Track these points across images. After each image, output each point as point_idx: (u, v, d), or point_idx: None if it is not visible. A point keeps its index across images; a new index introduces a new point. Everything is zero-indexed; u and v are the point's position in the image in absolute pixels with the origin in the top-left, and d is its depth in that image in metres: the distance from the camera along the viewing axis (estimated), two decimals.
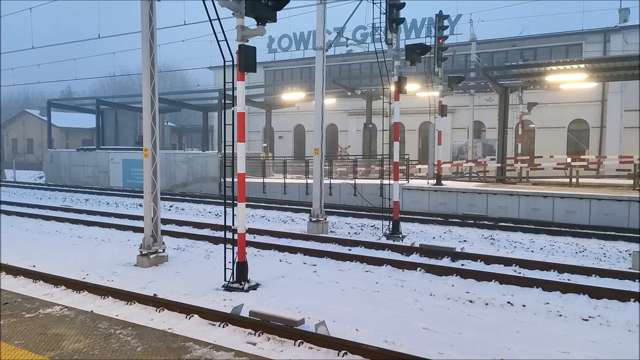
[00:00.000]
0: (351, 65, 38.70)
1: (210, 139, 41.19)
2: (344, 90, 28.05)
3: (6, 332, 5.20)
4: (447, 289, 8.58)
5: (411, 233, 14.04)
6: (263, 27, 8.11)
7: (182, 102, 35.14)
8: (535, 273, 9.61)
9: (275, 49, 38.94)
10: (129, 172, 28.42)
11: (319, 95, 13.96)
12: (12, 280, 9.07)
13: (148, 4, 10.01)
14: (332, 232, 14.35)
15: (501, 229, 14.64)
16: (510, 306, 7.76)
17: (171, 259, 10.82)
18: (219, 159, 24.72)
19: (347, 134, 37.62)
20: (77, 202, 22.38)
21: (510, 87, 20.73)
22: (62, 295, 8.13)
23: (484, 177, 22.02)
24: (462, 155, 29.11)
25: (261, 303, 7.66)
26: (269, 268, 10.01)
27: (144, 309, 7.37)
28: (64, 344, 4.91)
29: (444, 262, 10.41)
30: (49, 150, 34.15)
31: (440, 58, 16.98)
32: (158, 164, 10.67)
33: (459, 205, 17.41)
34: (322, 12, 13.50)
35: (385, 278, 9.31)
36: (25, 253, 11.30)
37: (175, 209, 19.57)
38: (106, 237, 13.54)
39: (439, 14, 17.08)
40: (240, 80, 8.33)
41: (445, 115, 18.73)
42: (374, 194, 19.52)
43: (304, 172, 24.59)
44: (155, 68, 10.43)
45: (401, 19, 12.51)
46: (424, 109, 22.04)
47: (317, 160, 14.21)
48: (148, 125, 10.40)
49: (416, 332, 6.66)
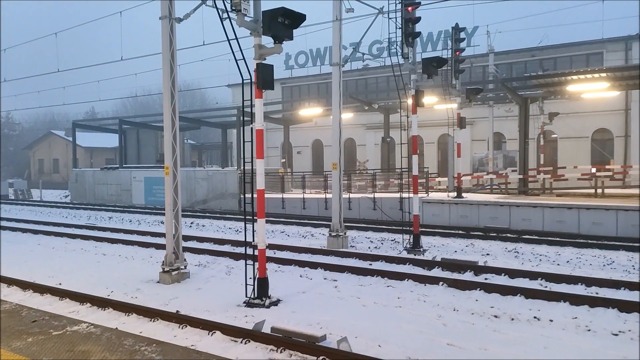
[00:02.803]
0: (367, 79, 38.84)
1: (229, 155, 41.62)
2: (361, 104, 28.13)
3: (35, 349, 5.31)
4: (471, 304, 8.44)
5: (432, 247, 13.89)
6: (280, 45, 8.23)
7: (202, 120, 35.64)
8: (562, 287, 9.38)
9: (292, 65, 39.37)
10: (151, 189, 28.85)
11: (337, 110, 14.02)
12: (39, 298, 9.26)
13: (168, 26, 10.25)
14: (352, 246, 14.29)
15: (525, 241, 14.38)
16: (537, 321, 7.59)
17: (193, 276, 10.89)
18: (238, 175, 24.94)
19: (365, 148, 37.61)
20: (101, 220, 22.77)
21: (530, 98, 20.51)
22: (87, 312, 8.25)
23: (505, 189, 21.72)
24: (483, 167, 28.80)
25: (282, 319, 7.65)
26: (290, 283, 10.00)
27: (167, 325, 7.43)
28: None
29: (467, 277, 10.26)
30: (74, 170, 34.91)
31: (457, 70, 16.93)
32: (179, 181, 10.81)
33: (480, 218, 17.19)
34: (337, 28, 13.64)
35: (407, 293, 9.21)
36: (52, 271, 11.54)
37: (196, 226, 19.75)
38: (129, 254, 13.73)
39: (455, 26, 17.08)
40: (258, 98, 8.44)
41: (464, 128, 18.61)
42: (393, 208, 19.42)
43: (322, 186, 24.62)
44: (176, 88, 10.64)
45: (417, 33, 12.55)
46: (442, 122, 21.95)
47: (335, 175, 14.23)
48: (169, 143, 10.57)
49: (440, 349, 6.56)
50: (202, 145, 55.68)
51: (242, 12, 7.93)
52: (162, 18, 10.26)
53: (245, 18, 8.11)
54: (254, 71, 8.24)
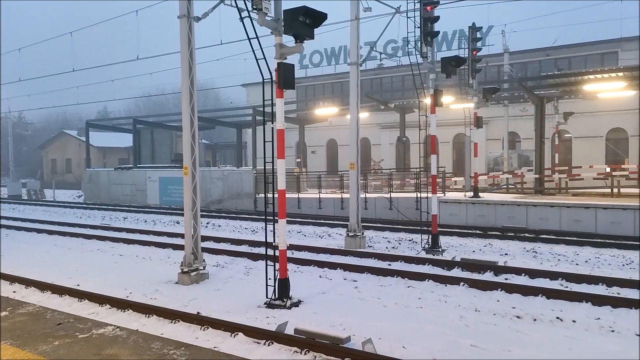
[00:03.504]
0: (382, 78, 38.74)
1: (244, 155, 41.71)
2: (377, 104, 28.02)
3: (62, 353, 5.30)
4: (492, 305, 8.36)
5: (450, 247, 13.79)
6: (301, 44, 8.20)
7: (217, 120, 35.72)
8: (583, 287, 9.29)
9: (306, 65, 39.39)
10: (166, 189, 28.99)
11: (354, 109, 13.96)
12: (58, 299, 9.24)
13: (187, 25, 10.26)
14: (369, 246, 14.23)
15: (543, 241, 14.23)
16: (560, 322, 7.50)
17: (211, 276, 10.90)
18: (253, 175, 24.97)
19: (379, 148, 37.51)
20: (116, 220, 22.91)
21: (546, 97, 20.29)
22: (107, 314, 8.24)
23: (521, 188, 21.51)
24: (497, 166, 28.58)
25: (304, 320, 7.60)
26: (310, 284, 9.97)
27: (188, 327, 7.41)
28: None
29: (487, 277, 10.17)
30: (88, 170, 35.14)
31: (474, 70, 16.80)
32: (198, 181, 10.82)
33: (497, 218, 17.04)
34: (355, 28, 13.58)
35: (428, 293, 9.15)
36: (69, 272, 11.57)
37: (212, 226, 19.80)
38: (146, 254, 13.77)
39: (472, 26, 16.94)
40: (279, 98, 8.42)
41: (481, 127, 18.45)
42: (409, 208, 19.32)
43: (337, 186, 24.57)
44: (194, 87, 10.65)
45: (436, 32, 12.46)
46: (457, 121, 21.80)
47: (353, 174, 14.17)
48: (188, 143, 10.58)
49: (464, 350, 6.50)
50: (216, 145, 55.82)
51: (263, 11, 7.91)
52: (180, 17, 10.27)
53: (266, 17, 8.09)
54: (275, 70, 8.22)
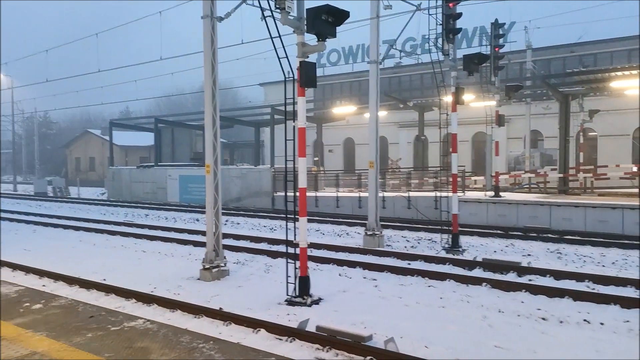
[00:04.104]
0: (401, 77, 38.52)
1: (262, 154, 41.92)
2: (395, 102, 27.88)
3: (96, 345, 5.44)
4: (516, 305, 8.25)
5: (471, 247, 13.65)
6: (323, 43, 8.19)
7: (235, 119, 35.96)
8: (611, 289, 9.10)
9: (324, 63, 39.38)
10: (186, 187, 29.31)
11: (373, 108, 13.89)
12: (85, 293, 9.46)
13: (210, 25, 10.35)
14: (388, 245, 14.18)
15: (568, 242, 13.98)
16: (587, 324, 7.36)
17: (232, 273, 10.99)
18: (272, 174, 25.08)
19: (397, 146, 37.33)
20: (138, 217, 23.25)
21: (571, 95, 19.92)
22: (133, 308, 8.39)
23: (544, 188, 21.18)
24: (519, 165, 28.18)
25: (325, 318, 7.61)
26: (329, 282, 9.98)
27: (212, 322, 7.50)
28: (151, 357, 5.07)
29: (511, 277, 10.03)
30: (111, 168, 35.75)
31: (496, 67, 16.58)
32: (220, 180, 10.91)
33: (519, 218, 16.80)
34: (375, 26, 13.52)
35: (450, 293, 9.07)
36: (95, 267, 11.82)
37: (231, 224, 19.95)
38: (168, 251, 13.96)
39: (494, 22, 16.73)
40: (300, 96, 8.43)
41: (503, 125, 18.21)
42: (428, 207, 19.19)
43: (355, 185, 24.54)
44: (217, 86, 10.72)
45: (458, 29, 12.32)
46: (477, 119, 21.59)
47: (372, 173, 14.12)
48: (210, 142, 10.67)
49: (488, 351, 6.43)
50: (234, 144, 56.21)
51: (285, 10, 7.93)
52: (204, 17, 10.36)
53: (289, 16, 8.10)
54: (297, 69, 8.23)
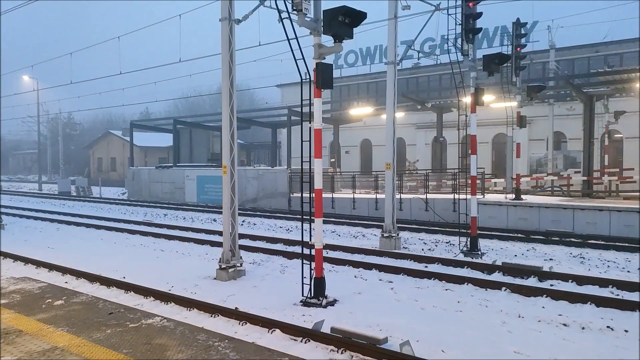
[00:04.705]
0: (419, 78, 38.23)
1: (278, 155, 42.05)
2: (413, 103, 27.67)
3: (115, 341, 5.52)
4: (536, 311, 8.08)
5: (490, 250, 13.44)
6: (340, 44, 8.16)
7: (252, 120, 36.13)
8: (636, 295, 8.83)
9: (341, 64, 39.33)
10: (203, 188, 29.53)
11: (391, 109, 13.79)
12: (105, 290, 9.62)
13: (228, 27, 10.38)
14: (404, 248, 14.04)
15: (591, 247, 13.67)
16: (610, 331, 7.17)
17: (248, 273, 11.01)
18: (288, 174, 25.10)
19: (415, 148, 37.04)
20: (156, 217, 23.50)
21: (595, 95, 19.48)
22: (151, 306, 8.47)
23: (567, 191, 20.76)
24: (541, 167, 27.69)
25: (340, 319, 7.56)
26: (345, 284, 9.92)
27: (228, 321, 7.52)
28: (168, 354, 5.11)
29: (531, 282, 9.83)
30: (131, 168, 36.21)
31: (518, 67, 16.30)
32: (236, 180, 10.94)
33: (541, 221, 16.48)
34: (393, 26, 13.41)
35: (467, 297, 8.93)
36: (115, 265, 11.97)
37: (247, 224, 20.02)
38: (186, 250, 14.07)
39: (516, 21, 16.45)
40: (317, 97, 8.39)
41: (524, 127, 17.89)
42: (446, 209, 18.97)
43: (372, 186, 24.40)
44: (234, 88, 10.76)
45: (478, 29, 12.15)
46: (497, 120, 21.27)
47: (389, 175, 14.01)
48: (227, 143, 10.70)
49: (507, 356, 6.30)
50: (250, 145, 56.51)
51: (302, 11, 7.91)
52: (222, 20, 10.41)
53: (306, 18, 8.08)
54: (313, 70, 8.20)
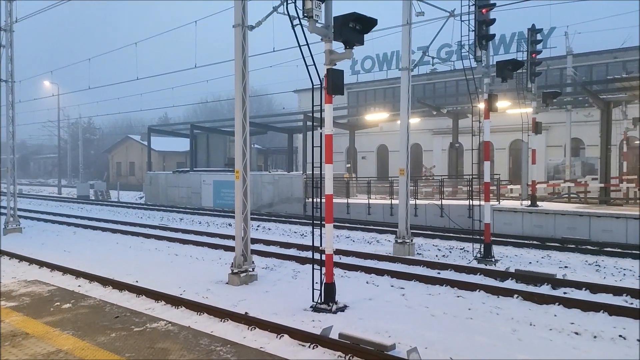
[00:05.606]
0: (435, 84, 38.07)
1: (295, 160, 42.20)
2: (429, 109, 27.56)
3: (118, 345, 5.60)
4: (548, 319, 7.98)
5: (504, 257, 13.31)
6: (351, 50, 8.21)
7: (269, 125, 36.36)
8: None
9: (358, 70, 39.37)
10: (219, 192, 29.78)
11: (404, 115, 13.80)
12: (118, 294, 9.76)
13: (241, 33, 10.53)
14: (418, 254, 13.98)
15: (607, 254, 13.44)
16: (623, 340, 7.06)
17: (260, 278, 11.08)
18: (303, 180, 25.19)
19: (431, 154, 36.85)
20: (172, 221, 23.77)
21: (613, 102, 19.19)
22: (162, 310, 8.58)
23: (584, 198, 20.44)
24: (558, 174, 27.31)
25: (349, 325, 7.57)
26: (356, 290, 9.92)
27: (237, 326, 7.58)
28: (170, 357, 5.17)
29: (544, 290, 9.72)
30: (149, 173, 36.69)
31: (533, 73, 16.15)
32: (249, 185, 11.04)
33: (557, 228, 16.25)
34: (407, 32, 13.44)
35: (479, 304, 8.86)
36: (129, 269, 12.16)
37: (262, 229, 20.14)
38: (200, 255, 14.21)
39: (531, 27, 16.32)
40: (328, 103, 8.46)
41: (540, 133, 17.70)
42: (461, 216, 18.83)
43: (387, 192, 24.33)
44: (247, 94, 10.89)
45: (491, 35, 12.10)
46: (515, 127, 21.04)
47: (402, 180, 14.00)
48: (239, 148, 10.83)
49: None
50: (268, 150, 56.83)
51: (313, 18, 7.99)
52: (235, 26, 10.56)
53: (317, 24, 8.16)
54: (324, 76, 8.27)
